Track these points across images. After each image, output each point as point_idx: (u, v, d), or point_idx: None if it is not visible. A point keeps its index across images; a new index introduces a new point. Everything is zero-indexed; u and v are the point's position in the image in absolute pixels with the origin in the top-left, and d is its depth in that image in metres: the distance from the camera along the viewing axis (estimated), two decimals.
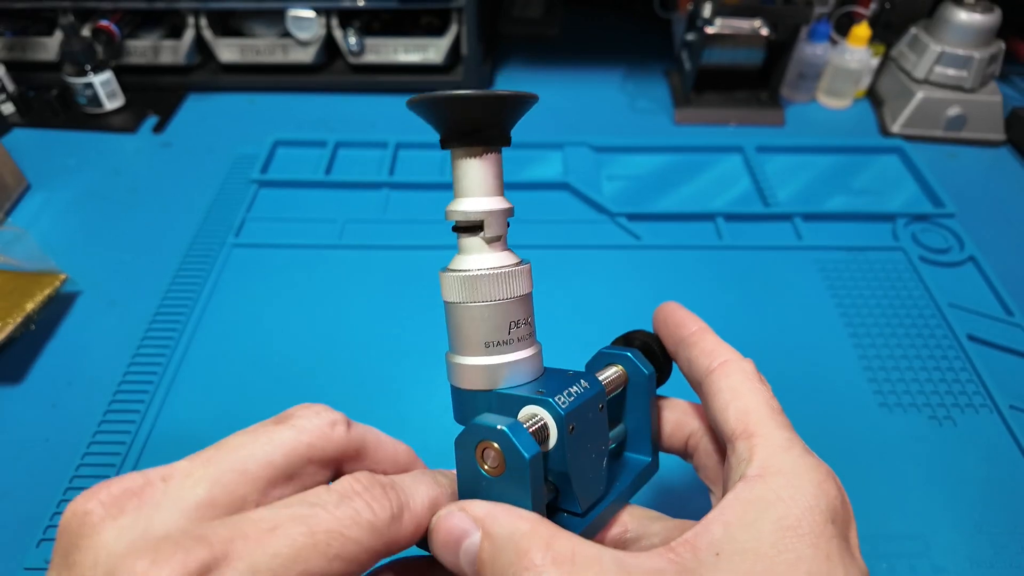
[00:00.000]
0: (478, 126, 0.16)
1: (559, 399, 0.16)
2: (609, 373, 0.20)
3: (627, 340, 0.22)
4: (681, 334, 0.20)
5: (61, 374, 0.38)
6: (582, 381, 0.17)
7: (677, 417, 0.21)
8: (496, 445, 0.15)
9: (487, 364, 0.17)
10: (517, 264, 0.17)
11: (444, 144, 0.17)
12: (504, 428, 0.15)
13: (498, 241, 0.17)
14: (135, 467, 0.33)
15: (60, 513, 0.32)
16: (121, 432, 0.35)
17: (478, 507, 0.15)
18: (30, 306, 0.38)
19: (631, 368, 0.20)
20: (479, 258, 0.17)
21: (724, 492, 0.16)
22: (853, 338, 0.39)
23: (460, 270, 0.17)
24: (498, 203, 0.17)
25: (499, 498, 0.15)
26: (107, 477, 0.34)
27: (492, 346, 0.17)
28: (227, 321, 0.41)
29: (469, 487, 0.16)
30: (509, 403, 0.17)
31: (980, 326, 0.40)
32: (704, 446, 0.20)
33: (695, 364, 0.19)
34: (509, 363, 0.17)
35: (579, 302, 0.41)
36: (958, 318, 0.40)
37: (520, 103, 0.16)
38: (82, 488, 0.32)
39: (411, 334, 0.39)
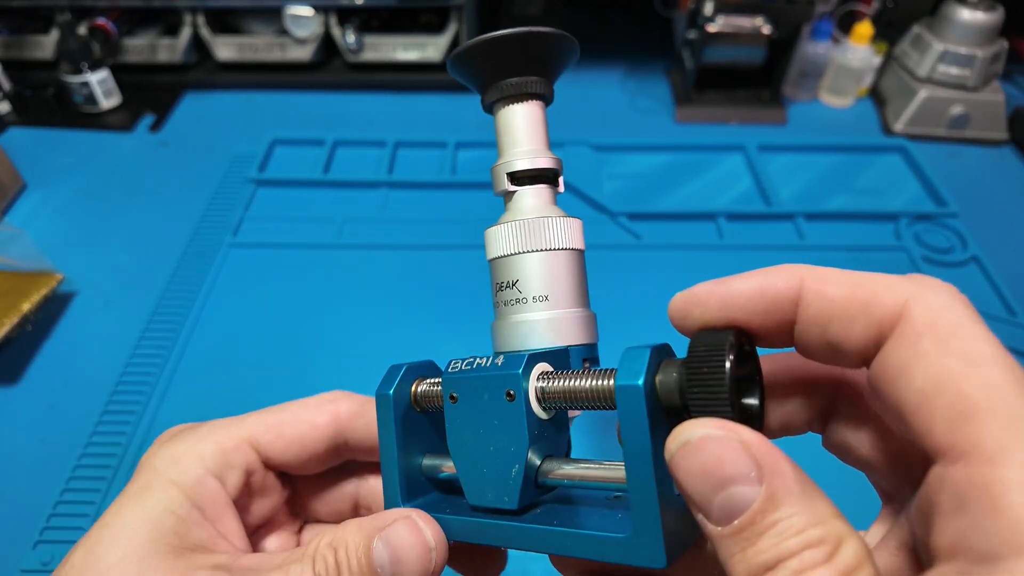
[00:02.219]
0: (547, 63, 0.16)
1: (456, 364, 0.15)
2: (596, 380, 0.14)
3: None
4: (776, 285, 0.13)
5: (58, 375, 0.38)
6: (512, 359, 0.15)
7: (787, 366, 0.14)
8: None
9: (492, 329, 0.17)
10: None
11: (507, 90, 0.16)
12: (391, 368, 0.16)
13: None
14: (132, 469, 0.33)
15: (56, 515, 0.32)
16: (118, 433, 0.34)
17: (760, 446, 0.11)
18: (26, 306, 0.38)
19: (619, 378, 0.13)
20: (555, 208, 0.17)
21: (934, 549, 0.10)
22: None
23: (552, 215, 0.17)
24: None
25: None
26: (104, 479, 0.34)
27: (495, 311, 0.17)
28: (225, 321, 0.40)
29: None
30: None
31: None
32: (848, 417, 0.14)
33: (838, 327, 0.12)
34: (495, 327, 0.17)
35: None
36: None
37: (568, 45, 0.16)
38: (79, 490, 0.32)
39: (410, 334, 0.39)
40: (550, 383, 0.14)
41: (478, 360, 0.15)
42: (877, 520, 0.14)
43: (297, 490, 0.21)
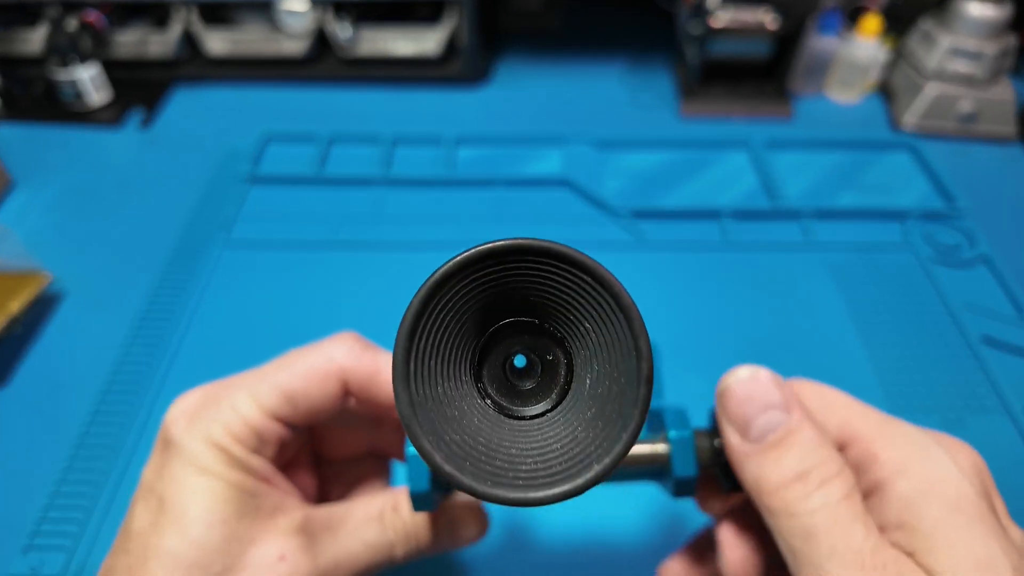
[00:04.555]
0: None
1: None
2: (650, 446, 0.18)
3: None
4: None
5: (47, 377, 0.37)
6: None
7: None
8: None
9: None
10: None
11: None
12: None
13: None
14: (123, 473, 0.32)
15: (46, 520, 0.31)
16: (109, 436, 0.34)
17: (788, 390, 0.17)
18: (14, 307, 0.37)
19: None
20: None
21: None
22: (862, 337, 0.39)
23: None
24: None
25: None
26: (95, 484, 0.34)
27: None
28: (218, 320, 0.39)
29: None
30: None
31: (993, 326, 0.39)
32: None
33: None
34: None
35: None
36: (970, 318, 0.39)
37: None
38: (69, 494, 0.32)
39: None
40: None
41: None
42: None
43: (313, 434, 0.22)
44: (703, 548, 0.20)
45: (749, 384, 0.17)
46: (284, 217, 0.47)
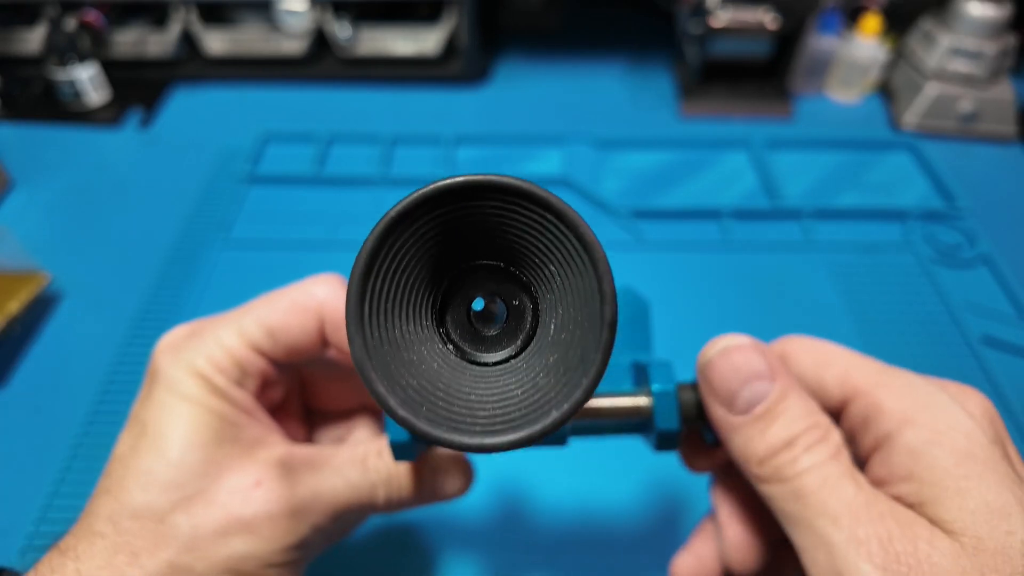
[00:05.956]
0: None
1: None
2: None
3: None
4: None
5: (45, 377, 0.37)
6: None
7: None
8: None
9: None
10: None
11: None
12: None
13: None
14: None
15: (45, 520, 0.31)
16: (107, 435, 0.34)
17: (771, 357, 0.16)
18: (12, 307, 0.37)
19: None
20: None
21: (863, 455, 0.16)
22: (862, 337, 0.38)
23: None
24: None
25: None
26: (93, 483, 0.34)
27: None
28: None
29: None
30: None
31: (993, 326, 0.39)
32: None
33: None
34: None
35: None
36: (970, 318, 0.39)
37: None
38: (68, 495, 0.32)
39: None
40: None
41: None
42: None
43: (304, 385, 0.22)
44: (708, 537, 0.20)
45: (732, 355, 0.16)
46: (283, 217, 0.47)
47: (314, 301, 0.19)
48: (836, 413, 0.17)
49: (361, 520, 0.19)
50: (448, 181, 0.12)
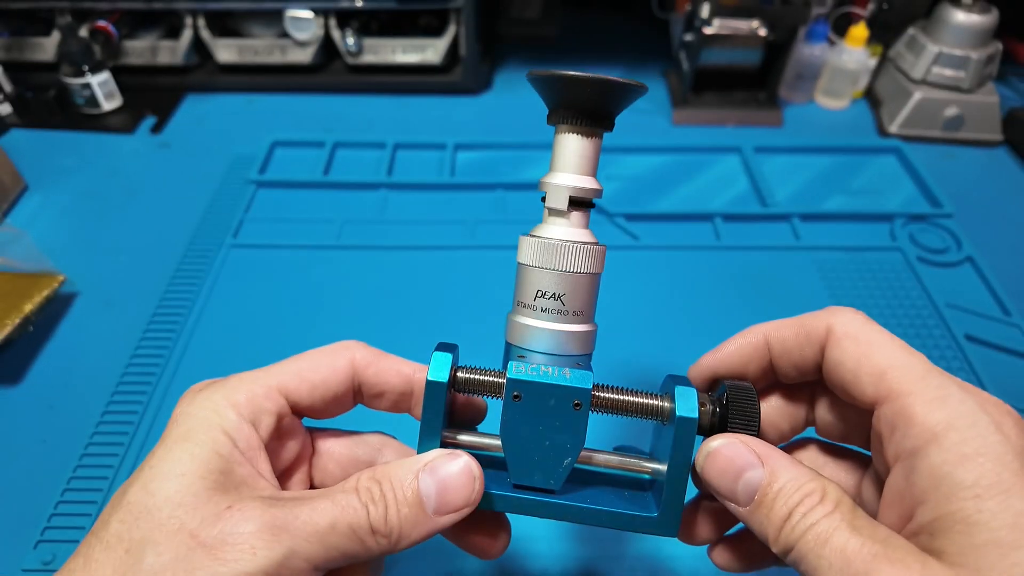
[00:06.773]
0: (609, 110, 0.18)
1: (521, 367, 0.17)
2: (648, 400, 0.18)
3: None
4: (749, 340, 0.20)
5: (59, 375, 0.38)
6: (576, 374, 0.18)
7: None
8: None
9: (512, 320, 0.19)
10: (582, 242, 0.19)
11: (573, 120, 0.18)
12: (436, 353, 0.18)
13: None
14: (134, 469, 0.33)
15: (57, 515, 0.32)
16: (119, 433, 0.35)
17: (757, 444, 0.17)
18: (28, 307, 0.38)
19: (674, 404, 0.18)
20: (569, 231, 0.19)
21: (888, 462, 0.16)
22: None
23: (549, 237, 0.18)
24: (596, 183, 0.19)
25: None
26: (105, 479, 0.34)
27: (519, 306, 0.19)
28: (225, 322, 0.40)
29: None
30: (508, 356, 0.19)
31: (978, 326, 0.40)
32: (823, 412, 0.20)
33: (795, 345, 0.18)
34: (526, 325, 0.18)
35: None
36: (956, 318, 0.41)
37: (638, 92, 0.18)
38: (80, 489, 0.32)
39: (409, 334, 0.39)
40: (605, 395, 0.18)
41: (542, 367, 0.18)
42: (857, 470, 0.20)
43: (316, 449, 0.22)
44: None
45: (718, 456, 0.17)
46: (290, 220, 0.48)
47: (345, 348, 0.20)
48: (868, 409, 0.17)
49: (364, 555, 0.17)
50: None
